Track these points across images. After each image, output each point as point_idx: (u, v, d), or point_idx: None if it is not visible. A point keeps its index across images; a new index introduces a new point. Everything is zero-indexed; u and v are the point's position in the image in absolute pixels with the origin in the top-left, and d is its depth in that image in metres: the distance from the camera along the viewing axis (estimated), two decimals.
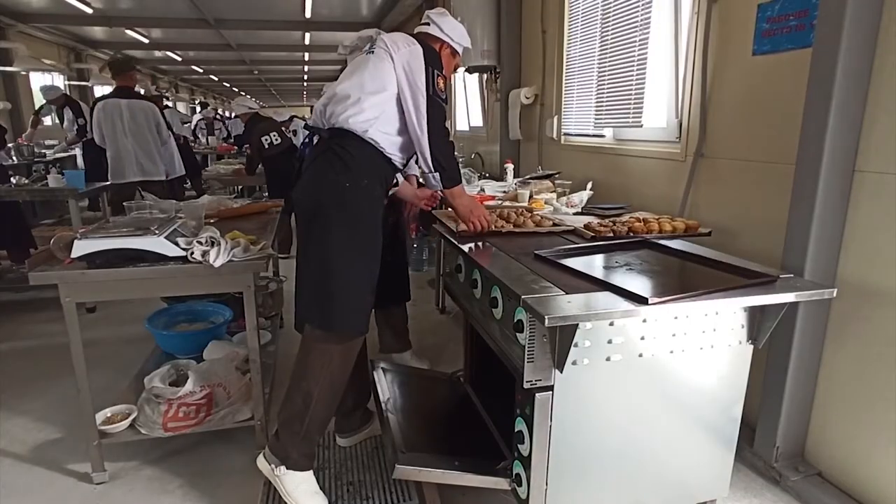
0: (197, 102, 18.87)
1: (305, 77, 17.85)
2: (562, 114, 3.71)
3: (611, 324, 1.42)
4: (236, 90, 22.98)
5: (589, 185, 2.93)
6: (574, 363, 1.41)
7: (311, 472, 1.76)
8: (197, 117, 11.52)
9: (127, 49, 11.42)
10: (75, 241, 1.73)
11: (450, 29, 1.94)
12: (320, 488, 1.77)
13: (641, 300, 1.31)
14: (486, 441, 1.83)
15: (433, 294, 4.05)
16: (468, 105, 5.87)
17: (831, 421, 1.91)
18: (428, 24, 1.95)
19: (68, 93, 7.58)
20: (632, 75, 2.74)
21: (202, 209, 2.25)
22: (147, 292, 1.89)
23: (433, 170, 1.79)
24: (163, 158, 4.57)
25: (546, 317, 1.22)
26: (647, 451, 1.59)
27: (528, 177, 3.28)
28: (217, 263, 1.77)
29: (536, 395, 1.42)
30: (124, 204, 2.17)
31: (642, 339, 1.47)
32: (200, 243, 1.80)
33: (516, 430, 1.54)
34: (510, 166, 3.90)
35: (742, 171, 2.19)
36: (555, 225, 2.17)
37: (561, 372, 1.40)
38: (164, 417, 1.94)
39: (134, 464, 2.08)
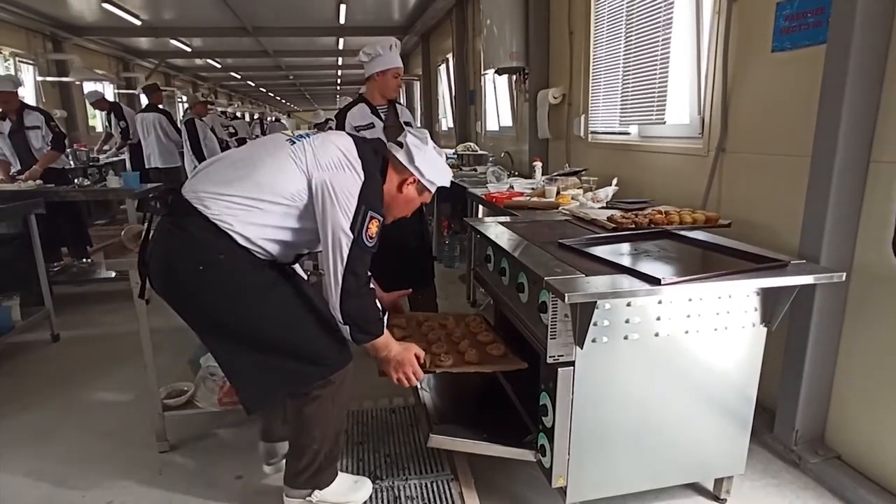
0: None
1: (339, 81, 18.29)
2: (588, 113, 3.80)
3: (628, 304, 1.54)
4: (272, 95, 23.68)
5: (614, 181, 3.03)
6: (594, 341, 1.54)
7: (339, 473, 1.77)
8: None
9: (170, 58, 11.99)
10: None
11: (423, 161, 1.59)
12: (359, 460, 1.92)
13: (655, 281, 1.42)
14: (513, 417, 1.95)
15: (464, 289, 4.19)
16: (498, 105, 6.00)
17: (850, 405, 1.96)
18: (400, 144, 1.62)
19: (117, 100, 8.06)
20: (655, 74, 2.82)
21: None
22: None
23: (342, 323, 1.49)
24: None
25: (566, 295, 1.35)
26: (664, 426, 1.69)
27: (555, 174, 3.39)
28: None
29: (559, 369, 1.55)
30: None
31: (658, 319, 1.58)
32: None
33: (541, 403, 1.67)
34: (538, 164, 4.02)
35: (762, 165, 2.26)
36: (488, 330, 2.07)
37: (581, 348, 1.52)
38: (220, 393, 2.14)
39: (193, 435, 2.29)
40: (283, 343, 1.54)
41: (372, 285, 1.62)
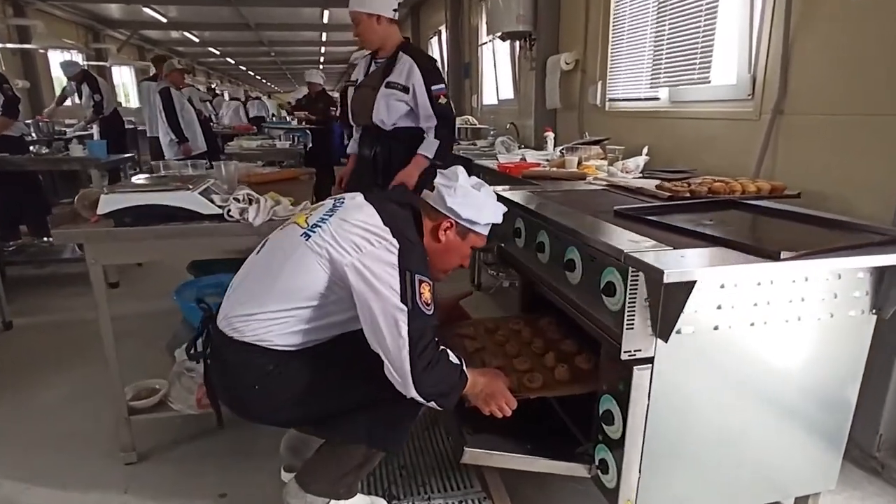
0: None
1: (322, 59, 17.61)
2: (607, 79, 3.47)
3: (721, 286, 1.21)
4: (252, 73, 22.83)
5: (645, 150, 2.71)
6: (678, 331, 1.21)
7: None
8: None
9: (144, 29, 11.29)
10: (102, 197, 1.56)
11: (456, 200, 1.36)
12: (370, 475, 1.60)
13: (770, 255, 1.10)
14: (554, 423, 1.63)
15: (467, 271, 3.86)
16: (497, 77, 5.62)
17: None
18: (431, 188, 1.42)
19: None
20: (699, 26, 2.48)
21: (235, 170, 2.07)
22: (180, 253, 1.73)
23: (426, 403, 1.28)
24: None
25: (665, 271, 1.01)
26: (749, 435, 1.38)
27: (575, 143, 3.06)
28: (257, 222, 1.58)
29: (635, 368, 1.22)
30: (152, 163, 1.99)
31: (755, 305, 1.26)
32: (238, 200, 1.62)
33: (602, 409, 1.35)
34: (550, 135, 3.68)
35: (835, 127, 1.95)
36: None
37: (665, 342, 1.19)
38: (199, 392, 1.78)
39: (165, 443, 1.93)
40: (373, 390, 1.32)
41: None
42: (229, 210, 1.61)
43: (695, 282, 1.08)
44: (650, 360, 1.23)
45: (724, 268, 1.08)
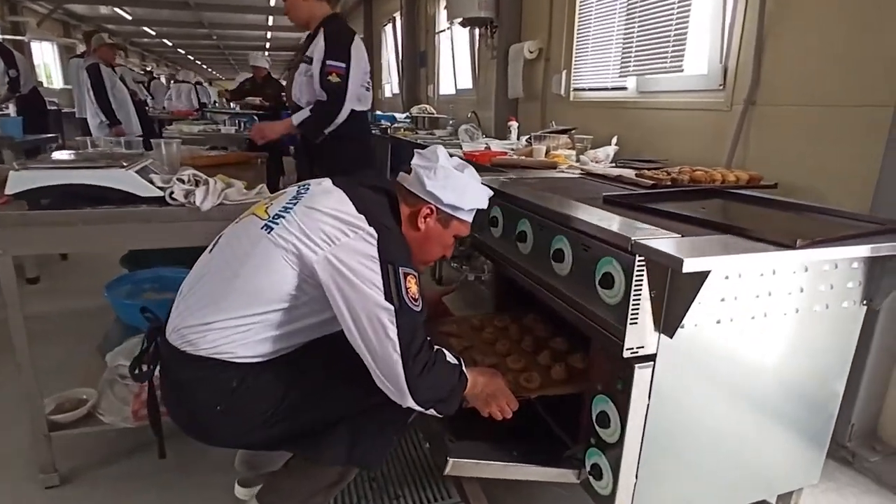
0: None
1: (268, 45, 16.87)
2: (572, 68, 3.40)
3: (725, 277, 1.13)
4: (192, 58, 21.62)
5: (614, 140, 2.66)
6: (682, 326, 1.12)
7: None
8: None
9: (69, 2, 10.39)
10: (11, 174, 1.30)
11: (436, 183, 1.20)
12: None
13: (785, 245, 1.02)
14: (538, 426, 1.52)
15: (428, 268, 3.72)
16: (455, 66, 5.49)
17: None
18: (408, 171, 1.25)
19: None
20: (672, 13, 2.44)
21: (177, 150, 1.83)
22: (112, 243, 1.49)
23: (425, 411, 1.16)
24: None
25: (685, 260, 0.91)
26: (744, 432, 1.32)
27: (543, 131, 2.97)
28: (206, 205, 1.38)
29: (636, 366, 1.12)
30: (77, 138, 1.73)
31: (757, 297, 1.19)
32: (182, 181, 1.41)
33: (597, 411, 1.24)
34: (514, 124, 3.60)
35: (808, 118, 1.94)
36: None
37: (671, 337, 1.10)
38: (135, 402, 1.55)
39: (95, 461, 1.68)
40: (358, 397, 1.19)
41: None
42: (172, 192, 1.40)
43: (709, 272, 0.99)
44: (652, 358, 1.13)
45: (745, 256, 0.99)
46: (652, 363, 1.13)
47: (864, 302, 1.33)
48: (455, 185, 1.23)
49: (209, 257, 1.21)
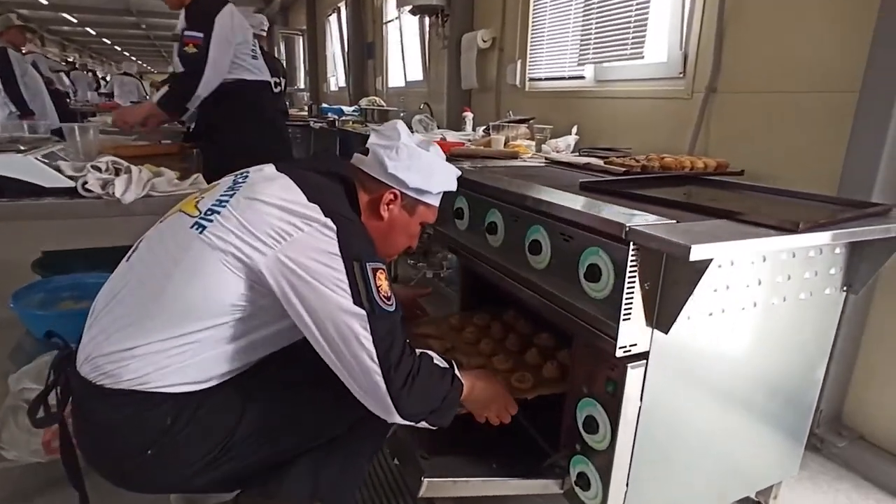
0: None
1: None
2: (527, 57, 3.32)
3: (719, 266, 1.05)
4: (119, 49, 20.27)
5: (574, 129, 2.60)
6: (677, 320, 1.03)
7: None
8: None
9: None
10: None
11: (400, 165, 1.07)
12: None
13: (787, 229, 0.95)
14: (515, 434, 1.41)
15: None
16: (404, 57, 5.32)
17: (875, 380, 1.72)
18: (364, 152, 1.11)
19: None
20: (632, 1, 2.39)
21: (95, 136, 1.58)
22: (13, 243, 1.25)
23: (416, 424, 1.01)
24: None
25: (692, 247, 0.81)
26: (730, 429, 1.26)
27: (501, 121, 2.87)
28: (128, 197, 1.17)
29: (629, 365, 1.02)
30: None
31: (747, 286, 1.12)
32: (98, 169, 1.19)
33: (583, 416, 1.14)
34: (469, 115, 3.48)
35: (770, 105, 1.92)
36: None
37: (666, 333, 1.01)
38: (46, 433, 1.31)
39: None
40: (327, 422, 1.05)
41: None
42: (86, 182, 1.18)
43: (711, 260, 0.90)
44: (645, 356, 1.04)
45: (752, 241, 0.91)
46: (644, 362, 1.04)
47: (844, 288, 1.30)
48: (420, 166, 1.09)
49: (127, 266, 0.99)
